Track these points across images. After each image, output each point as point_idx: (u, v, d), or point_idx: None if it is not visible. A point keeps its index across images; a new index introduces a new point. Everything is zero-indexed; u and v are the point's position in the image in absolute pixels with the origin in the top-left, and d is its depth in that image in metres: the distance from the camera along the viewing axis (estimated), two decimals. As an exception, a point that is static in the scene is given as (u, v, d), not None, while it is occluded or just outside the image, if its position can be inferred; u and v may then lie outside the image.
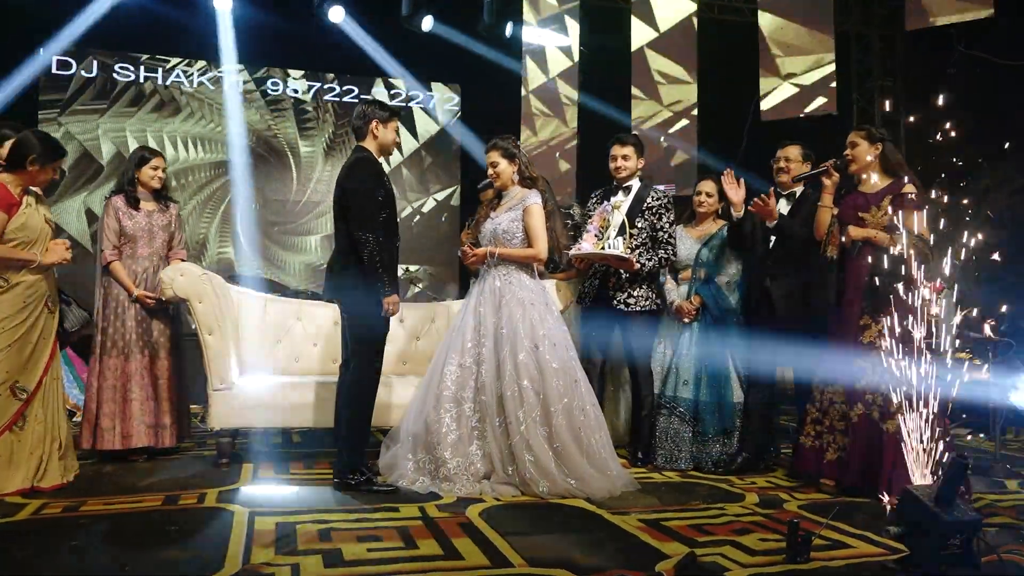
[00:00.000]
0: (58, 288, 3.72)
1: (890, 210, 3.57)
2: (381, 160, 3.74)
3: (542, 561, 2.66)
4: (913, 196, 3.58)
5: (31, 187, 3.54)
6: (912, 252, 3.29)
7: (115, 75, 7.81)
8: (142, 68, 7.92)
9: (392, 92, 8.71)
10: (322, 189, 8.39)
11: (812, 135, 6.15)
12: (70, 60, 7.68)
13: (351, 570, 2.56)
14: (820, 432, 3.79)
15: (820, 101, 7.48)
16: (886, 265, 3.40)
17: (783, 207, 4.20)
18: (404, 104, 8.68)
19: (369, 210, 3.53)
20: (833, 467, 3.73)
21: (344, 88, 8.58)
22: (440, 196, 8.95)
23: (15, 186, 3.46)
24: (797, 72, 7.61)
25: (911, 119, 7.58)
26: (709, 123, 7.96)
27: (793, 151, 4.19)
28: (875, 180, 3.72)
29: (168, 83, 7.97)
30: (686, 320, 4.25)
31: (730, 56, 7.93)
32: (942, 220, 3.76)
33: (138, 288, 4.19)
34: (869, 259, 3.58)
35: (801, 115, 7.27)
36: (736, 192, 4.10)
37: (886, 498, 2.98)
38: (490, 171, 3.92)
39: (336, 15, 7.49)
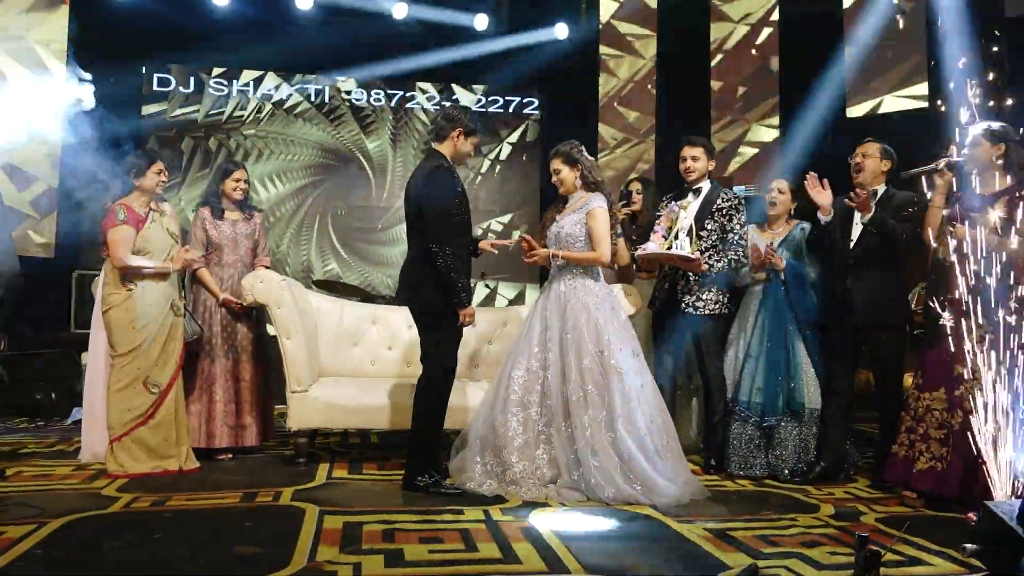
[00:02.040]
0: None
1: (1003, 212, 3.36)
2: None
3: (598, 567, 2.66)
4: None
5: (155, 206, 4.06)
6: (1017, 255, 3.11)
7: (206, 89, 8.16)
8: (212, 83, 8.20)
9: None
10: (398, 184, 8.48)
11: (902, 133, 5.87)
12: (166, 76, 8.08)
13: (410, 570, 2.62)
14: (913, 441, 3.62)
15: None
16: (993, 267, 3.20)
17: None
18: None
19: (445, 223, 3.59)
20: (924, 477, 3.54)
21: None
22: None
23: (139, 204, 3.97)
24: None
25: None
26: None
27: (872, 147, 4.00)
28: (995, 182, 3.51)
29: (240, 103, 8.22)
30: (764, 260, 4.09)
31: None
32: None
33: (224, 292, 4.40)
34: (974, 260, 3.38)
35: (890, 112, 6.92)
36: (822, 195, 3.96)
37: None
38: (553, 178, 3.94)
39: (400, 11, 7.75)
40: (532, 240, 3.88)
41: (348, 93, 8.52)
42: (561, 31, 8.28)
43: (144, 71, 7.95)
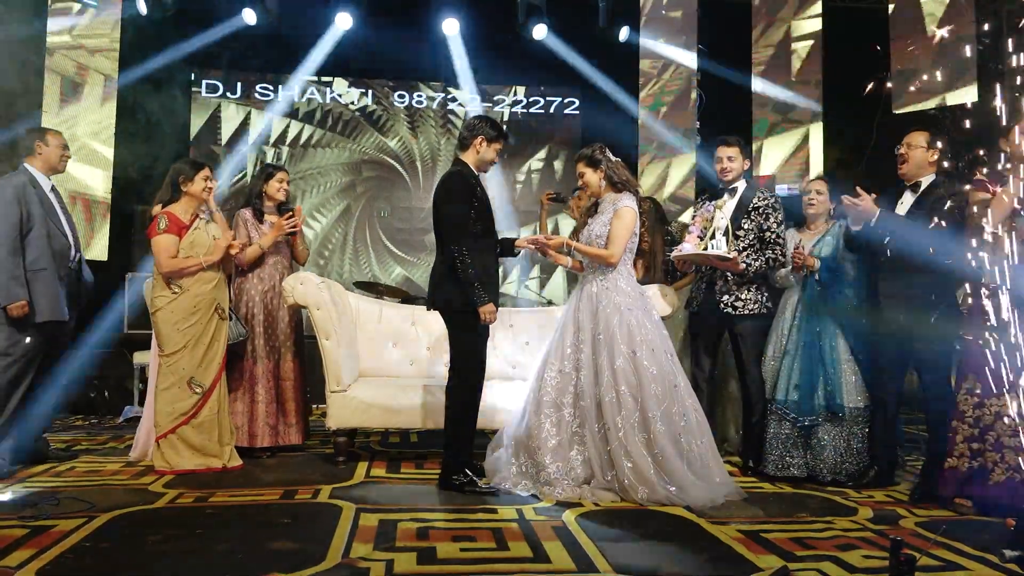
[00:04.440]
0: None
1: None
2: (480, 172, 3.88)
3: (628, 568, 2.66)
4: None
5: (202, 212, 4.21)
6: None
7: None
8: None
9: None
10: (432, 177, 8.43)
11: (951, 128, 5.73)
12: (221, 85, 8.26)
13: (441, 568, 2.66)
14: (981, 450, 3.42)
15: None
16: None
17: (908, 198, 3.93)
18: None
19: (460, 225, 3.67)
20: (1004, 489, 3.30)
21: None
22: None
23: (184, 211, 4.12)
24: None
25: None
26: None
27: (918, 137, 3.87)
28: None
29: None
30: (797, 263, 4.06)
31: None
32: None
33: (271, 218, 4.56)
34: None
35: (936, 109, 6.71)
36: (852, 208, 3.80)
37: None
38: (579, 181, 3.97)
39: (451, 28, 7.71)
40: (545, 237, 4.03)
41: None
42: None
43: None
